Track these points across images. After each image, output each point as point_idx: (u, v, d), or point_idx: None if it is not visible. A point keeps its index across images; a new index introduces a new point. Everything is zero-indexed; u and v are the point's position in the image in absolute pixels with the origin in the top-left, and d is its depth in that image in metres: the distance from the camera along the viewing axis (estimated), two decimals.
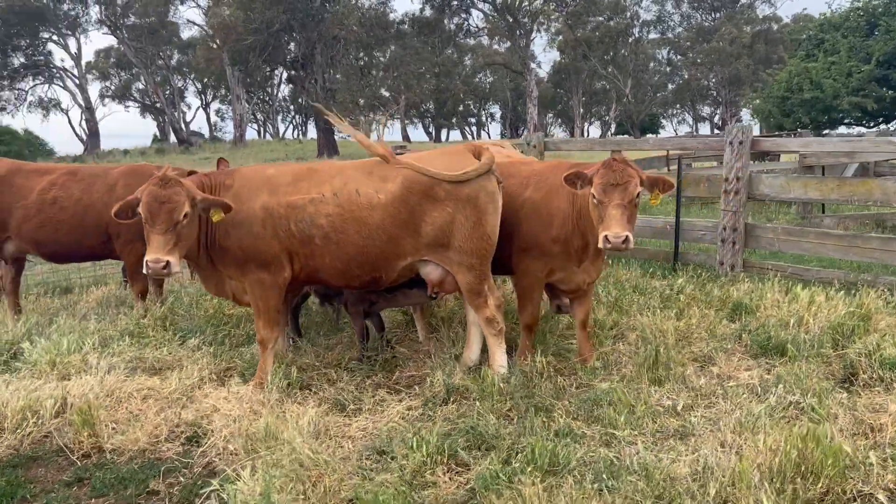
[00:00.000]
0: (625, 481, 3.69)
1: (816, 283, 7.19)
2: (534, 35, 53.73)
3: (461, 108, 79.68)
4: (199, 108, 72.71)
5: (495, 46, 69.00)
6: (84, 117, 57.83)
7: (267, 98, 69.46)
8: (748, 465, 3.62)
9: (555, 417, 4.49)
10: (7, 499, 3.79)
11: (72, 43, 55.40)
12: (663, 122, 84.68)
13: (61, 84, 57.03)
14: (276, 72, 51.64)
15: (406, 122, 70.61)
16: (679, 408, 4.67)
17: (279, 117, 75.82)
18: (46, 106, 57.94)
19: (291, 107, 74.99)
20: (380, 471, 3.90)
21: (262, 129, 77.38)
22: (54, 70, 56.28)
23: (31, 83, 56.44)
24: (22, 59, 54.59)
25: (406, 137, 69.22)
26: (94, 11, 54.05)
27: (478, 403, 4.66)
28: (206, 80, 64.85)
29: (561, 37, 63.79)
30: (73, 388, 4.92)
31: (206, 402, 4.86)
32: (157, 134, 65.09)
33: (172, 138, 58.50)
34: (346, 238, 4.87)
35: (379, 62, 48.05)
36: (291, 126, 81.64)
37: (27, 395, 4.67)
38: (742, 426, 4.25)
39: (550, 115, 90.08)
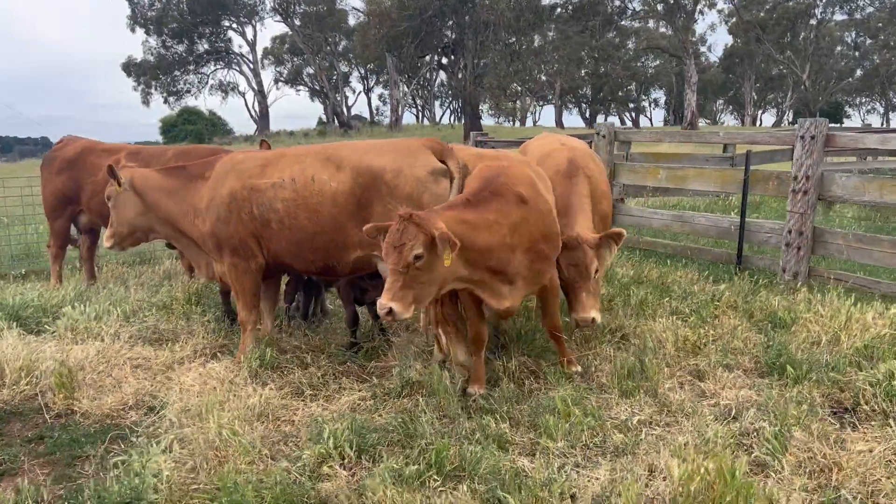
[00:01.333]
0: (522, 494, 3.53)
1: (884, 298, 6.39)
2: (697, 17, 50.80)
3: (621, 93, 77.19)
4: (359, 92, 75.41)
5: (662, 29, 66.14)
6: (257, 100, 62.13)
7: (425, 83, 71.03)
8: (634, 494, 3.35)
9: (491, 422, 4.34)
10: None
11: (248, 30, 59.67)
12: (849, 110, 77.55)
13: (238, 69, 61.58)
14: (430, 58, 52.57)
15: (561, 106, 69.59)
16: (633, 422, 4.37)
17: (437, 102, 77.30)
18: (225, 89, 62.78)
19: (450, 92, 76.17)
20: (288, 458, 3.97)
21: (420, 113, 79.33)
22: (233, 56, 60.82)
23: (213, 68, 61.37)
24: (206, 46, 59.49)
25: (560, 123, 68.24)
26: (269, 0, 57.80)
27: (421, 400, 4.62)
28: (368, 65, 67.35)
29: (734, 19, 60.04)
30: (74, 352, 5.40)
31: (181, 376, 5.17)
32: (323, 117, 68.56)
33: (336, 121, 61.44)
34: (297, 223, 4.97)
35: (531, 47, 47.59)
36: (449, 111, 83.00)
37: (29, 354, 5.18)
38: (680, 450, 3.92)
39: (721, 101, 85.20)
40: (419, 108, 79.31)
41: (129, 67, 57.85)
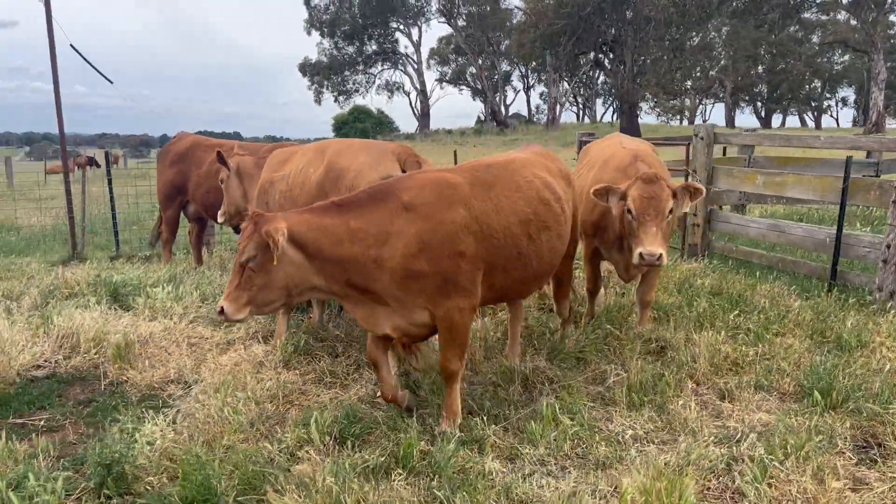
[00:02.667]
0: (470, 495, 3.58)
1: None
2: (890, 8, 45.99)
3: (803, 91, 71.64)
4: (519, 91, 75.44)
5: (853, 21, 60.55)
6: (419, 99, 64.17)
7: (587, 81, 69.87)
8: None
9: (478, 424, 4.36)
10: (29, 405, 4.89)
11: (414, 32, 61.75)
12: None
13: (403, 69, 63.91)
14: (588, 56, 51.68)
15: (732, 105, 65.81)
16: (625, 437, 4.23)
17: (599, 101, 75.76)
18: (391, 88, 65.40)
19: (613, 90, 74.41)
20: (273, 440, 4.22)
21: (580, 112, 78.13)
22: (399, 56, 63.23)
23: (380, 68, 64.12)
24: (374, 47, 62.32)
25: (730, 122, 64.57)
26: (434, 2, 59.51)
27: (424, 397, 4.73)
28: (530, 64, 67.39)
29: None
30: (142, 328, 6.03)
31: (221, 356, 5.62)
32: (482, 116, 69.47)
33: (493, 120, 62.09)
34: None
35: (696, 43, 45.47)
36: (612, 109, 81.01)
37: (102, 327, 5.86)
38: (658, 470, 3.76)
39: None
40: (580, 106, 78.15)
41: (305, 68, 61.81)
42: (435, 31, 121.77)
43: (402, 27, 61.61)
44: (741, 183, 8.45)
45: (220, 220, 6.93)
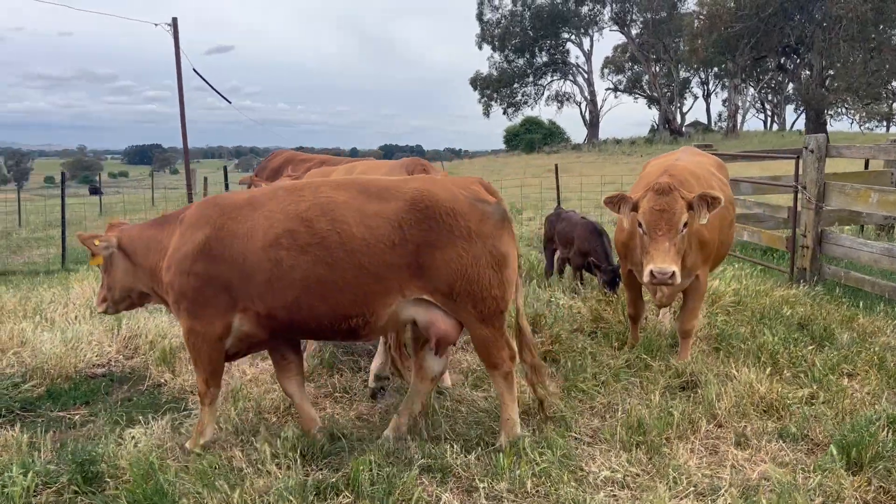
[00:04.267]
0: None
1: None
2: None
3: None
4: (696, 99, 71.45)
5: None
6: (588, 109, 63.05)
7: (776, 86, 65.07)
8: None
9: (447, 451, 4.21)
10: (75, 400, 5.38)
11: (585, 41, 60.85)
12: None
13: (573, 79, 63.11)
14: (768, 60, 48.14)
15: None
16: (599, 479, 3.93)
17: (790, 107, 70.21)
18: (561, 99, 64.78)
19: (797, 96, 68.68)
20: (246, 452, 4.32)
21: (769, 119, 72.84)
22: (569, 67, 62.57)
23: (549, 79, 63.76)
24: (544, 59, 62.15)
25: None
26: (607, 10, 58.24)
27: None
28: (710, 70, 64.00)
29: None
30: None
31: (251, 366, 5.85)
32: (655, 124, 66.90)
33: (667, 129, 59.60)
34: None
35: (894, 42, 40.93)
36: (804, 117, 74.73)
37: (161, 331, 6.34)
38: None
39: None
40: (768, 113, 72.90)
41: (476, 82, 62.93)
42: (607, 39, 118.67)
43: (573, 37, 60.93)
44: (853, 201, 7.51)
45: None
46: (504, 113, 63.70)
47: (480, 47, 60.85)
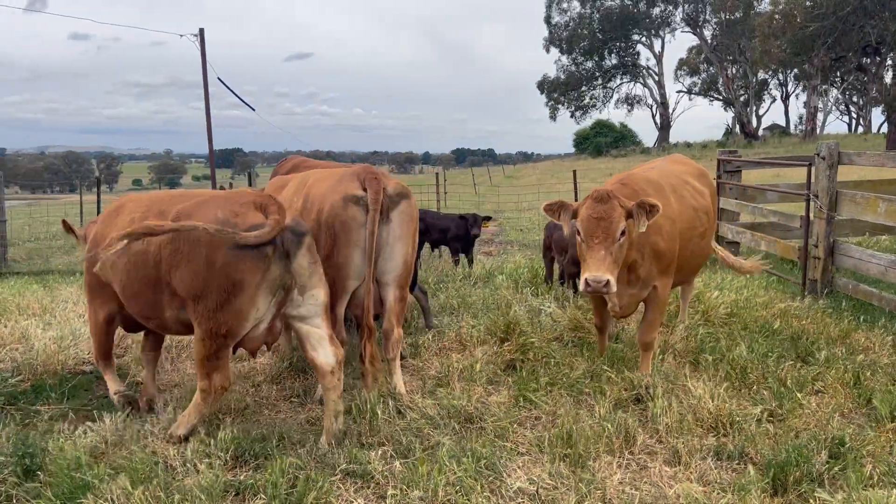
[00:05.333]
0: None
1: None
2: None
3: None
4: (773, 100, 68.69)
5: None
6: (658, 112, 61.80)
7: (861, 88, 62.20)
8: None
9: (372, 457, 4.28)
10: (56, 396, 5.65)
11: (657, 43, 59.71)
12: None
13: (643, 82, 62.02)
14: (846, 61, 46.01)
15: None
16: (511, 489, 3.92)
17: (877, 109, 66.90)
18: (631, 102, 63.80)
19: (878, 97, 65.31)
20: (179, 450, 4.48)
21: (854, 122, 69.66)
22: (639, 69, 61.51)
23: (619, 82, 62.88)
24: (614, 61, 61.34)
25: None
26: (679, 11, 57.01)
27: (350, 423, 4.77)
28: (789, 71, 61.70)
29: None
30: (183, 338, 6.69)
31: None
32: (729, 126, 64.97)
33: (741, 131, 57.80)
34: None
35: None
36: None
37: None
38: None
39: None
40: (853, 115, 69.77)
41: (543, 85, 62.63)
42: (679, 41, 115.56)
43: (643, 39, 59.90)
44: (863, 210, 7.17)
45: None
46: (571, 116, 63.27)
47: (548, 50, 60.70)
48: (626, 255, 4.89)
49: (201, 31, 22.71)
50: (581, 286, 4.71)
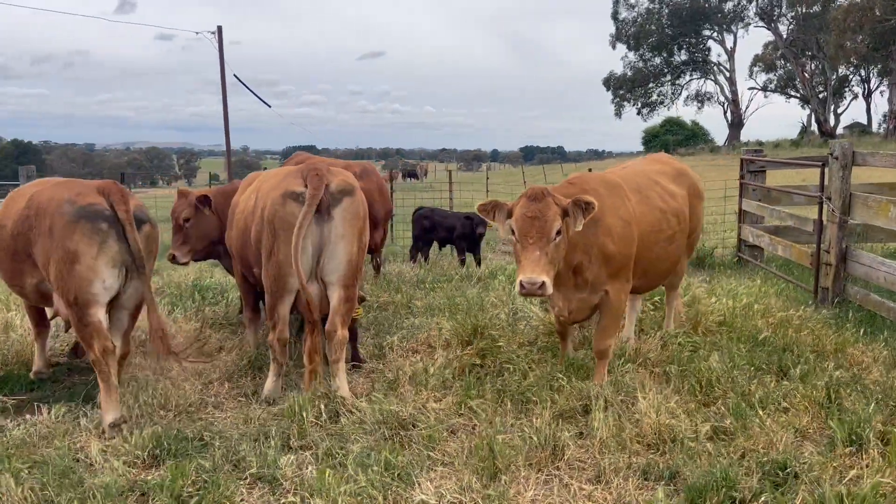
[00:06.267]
0: None
1: None
2: None
3: None
4: (854, 97, 64.95)
5: None
6: (729, 109, 59.69)
7: None
8: None
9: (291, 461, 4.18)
10: (23, 386, 5.72)
11: (728, 39, 57.69)
12: None
13: (713, 78, 59.99)
14: None
15: None
16: (414, 502, 3.77)
17: None
18: (701, 99, 61.73)
19: None
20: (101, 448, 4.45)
21: None
22: (710, 65, 59.54)
23: (688, 78, 61.03)
24: (683, 57, 59.57)
25: None
26: (753, 6, 54.89)
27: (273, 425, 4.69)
28: (873, 67, 58.64)
29: None
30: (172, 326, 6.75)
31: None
32: (804, 125, 62.17)
33: (818, 130, 55.30)
34: None
35: None
36: None
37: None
38: None
39: None
40: None
41: (609, 82, 61.39)
42: (752, 36, 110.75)
43: (714, 34, 57.92)
44: (875, 214, 6.66)
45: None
46: (638, 113, 61.74)
47: (614, 47, 59.35)
48: (571, 256, 4.67)
49: (219, 28, 23.73)
50: (516, 289, 4.50)
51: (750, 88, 65.17)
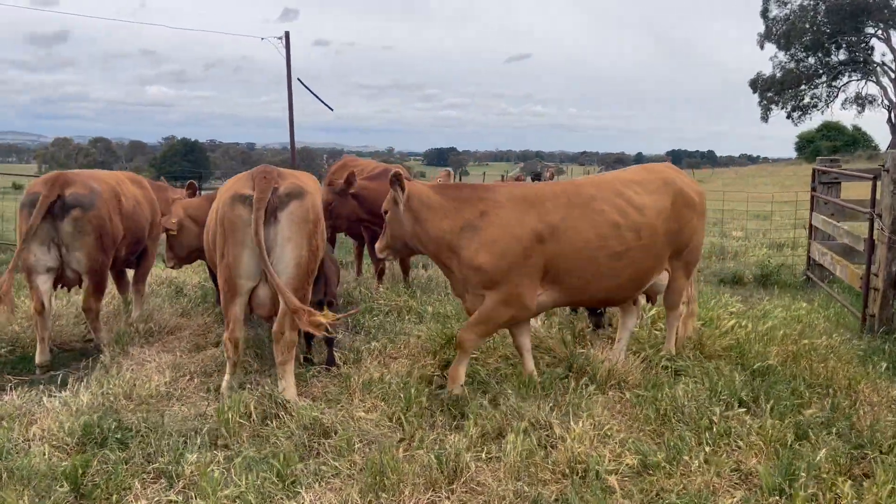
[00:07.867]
0: None
1: None
2: None
3: None
4: None
5: None
6: (893, 113, 54.27)
7: None
8: None
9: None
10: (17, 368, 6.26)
11: (894, 37, 52.52)
12: None
13: (875, 80, 54.79)
14: None
15: None
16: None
17: None
18: (861, 102, 56.51)
19: None
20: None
21: None
22: (871, 66, 54.50)
23: (846, 80, 56.16)
24: (842, 57, 54.94)
25: None
26: None
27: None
28: None
29: None
30: (170, 320, 7.06)
31: (194, 355, 6.30)
32: None
33: None
34: None
35: None
36: None
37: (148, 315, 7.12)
38: None
39: None
40: None
41: (756, 83, 57.71)
42: None
43: (879, 32, 52.91)
44: None
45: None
46: (788, 117, 57.52)
47: (762, 46, 55.67)
48: (439, 254, 5.16)
49: (286, 34, 24.54)
50: None
51: None
